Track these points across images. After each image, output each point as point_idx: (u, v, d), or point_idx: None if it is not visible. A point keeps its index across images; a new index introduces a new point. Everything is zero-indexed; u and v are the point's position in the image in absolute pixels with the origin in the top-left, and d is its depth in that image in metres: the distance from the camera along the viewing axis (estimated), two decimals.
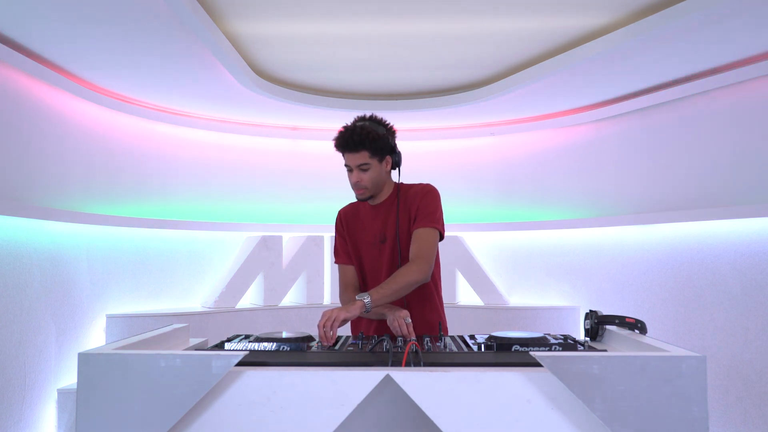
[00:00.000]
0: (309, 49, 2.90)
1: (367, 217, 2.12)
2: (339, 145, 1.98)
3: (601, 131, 3.76)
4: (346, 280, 2.15)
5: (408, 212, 2.04)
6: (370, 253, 2.09)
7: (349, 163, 1.99)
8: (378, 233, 2.08)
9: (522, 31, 2.69)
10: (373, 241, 2.08)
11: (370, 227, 2.10)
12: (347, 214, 2.18)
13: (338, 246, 2.18)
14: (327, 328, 1.65)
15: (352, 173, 2.00)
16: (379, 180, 2.02)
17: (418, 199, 2.03)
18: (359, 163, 1.96)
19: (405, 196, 2.07)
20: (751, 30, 2.47)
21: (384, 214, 2.08)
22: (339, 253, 2.18)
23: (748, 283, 2.86)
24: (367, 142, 1.93)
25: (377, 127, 1.98)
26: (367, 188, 2.01)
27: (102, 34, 2.50)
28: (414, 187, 2.09)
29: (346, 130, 1.98)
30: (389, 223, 2.06)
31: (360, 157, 1.95)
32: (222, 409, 1.33)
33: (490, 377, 1.30)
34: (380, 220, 2.08)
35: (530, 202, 4.12)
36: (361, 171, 1.98)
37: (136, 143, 3.65)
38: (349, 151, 1.96)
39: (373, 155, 1.96)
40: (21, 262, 2.61)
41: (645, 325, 1.67)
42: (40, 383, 2.72)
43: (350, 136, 1.94)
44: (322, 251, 4.14)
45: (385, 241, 2.05)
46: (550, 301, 3.97)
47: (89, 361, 1.31)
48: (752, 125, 2.95)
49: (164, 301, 3.74)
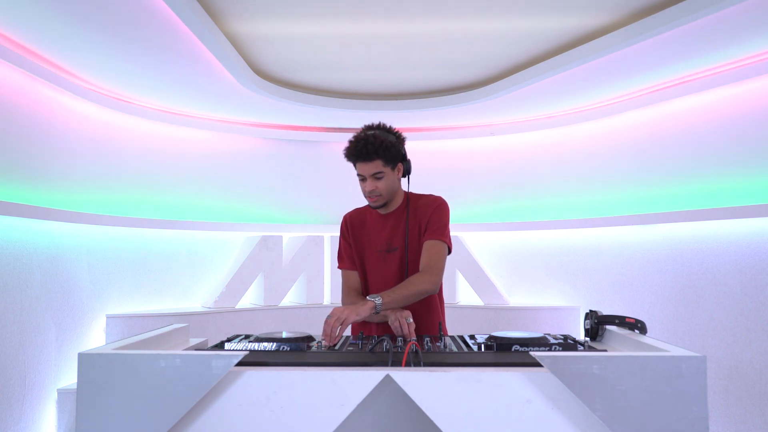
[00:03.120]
0: (309, 49, 2.90)
1: (374, 225, 2.11)
2: (352, 155, 1.97)
3: (601, 131, 3.76)
4: (350, 285, 2.15)
5: (418, 223, 2.04)
6: (375, 262, 2.09)
7: (363, 172, 1.98)
8: (385, 242, 2.07)
9: (522, 31, 2.69)
10: (380, 250, 2.08)
11: (377, 235, 2.09)
12: (354, 220, 2.17)
13: (342, 251, 2.18)
14: (335, 328, 1.65)
15: (365, 182, 2.00)
16: (392, 187, 2.03)
17: (429, 211, 2.04)
18: (373, 172, 1.96)
19: (415, 206, 2.07)
20: (751, 30, 2.47)
21: (393, 224, 2.07)
22: (343, 258, 2.17)
23: (748, 283, 2.86)
24: (381, 151, 1.93)
25: (388, 136, 1.99)
26: (381, 195, 2.01)
27: (102, 34, 2.50)
28: (424, 198, 2.10)
29: (358, 139, 1.96)
30: (398, 233, 2.06)
31: (374, 166, 1.95)
32: (222, 409, 1.33)
33: (490, 377, 1.30)
34: (389, 229, 2.08)
35: (530, 202, 4.12)
36: (376, 179, 1.98)
37: (136, 143, 3.65)
38: (362, 161, 1.95)
39: (386, 163, 1.97)
40: (21, 262, 2.61)
41: (645, 325, 1.67)
42: (40, 383, 2.72)
43: (364, 145, 1.93)
44: (322, 251, 4.14)
45: (392, 251, 2.05)
46: (550, 301, 3.97)
47: (89, 361, 1.31)
48: (752, 125, 2.95)
49: (164, 301, 3.74)
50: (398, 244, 2.05)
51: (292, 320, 3.93)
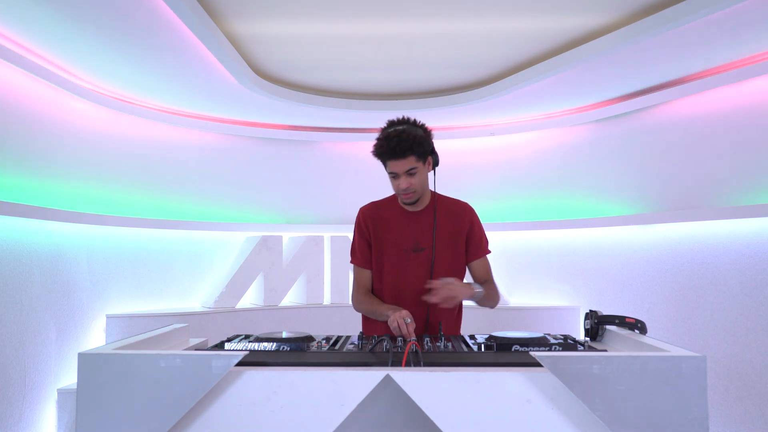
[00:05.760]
0: (309, 49, 2.90)
1: (398, 222, 2.07)
2: (384, 153, 1.92)
3: (601, 131, 3.76)
4: (362, 281, 2.12)
5: (453, 227, 2.05)
6: (398, 260, 2.05)
7: (396, 170, 1.94)
8: (411, 240, 2.04)
9: (522, 31, 2.69)
10: (405, 248, 2.04)
11: (400, 233, 2.06)
12: (372, 215, 2.11)
13: (356, 246, 2.13)
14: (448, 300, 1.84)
15: (398, 179, 1.96)
16: (425, 182, 2.02)
17: (473, 221, 2.10)
18: (408, 168, 1.93)
19: (445, 209, 2.06)
20: (751, 30, 2.47)
21: (420, 223, 2.05)
22: (356, 253, 2.13)
23: (748, 283, 2.86)
24: (415, 147, 1.90)
25: (417, 130, 1.95)
26: (416, 191, 1.98)
27: (102, 34, 2.50)
28: (453, 202, 2.12)
29: (390, 137, 1.91)
30: (427, 233, 2.03)
31: (407, 162, 1.92)
32: (222, 409, 1.33)
33: (490, 377, 1.30)
34: (415, 228, 2.05)
35: (530, 202, 4.12)
36: (410, 176, 1.95)
37: (136, 143, 3.65)
38: (396, 158, 1.91)
39: (419, 159, 1.94)
40: (21, 262, 2.61)
41: (645, 325, 1.67)
42: (40, 383, 2.72)
43: (397, 143, 1.89)
44: (322, 251, 4.14)
45: (419, 251, 2.02)
46: (550, 301, 3.97)
47: (89, 361, 1.31)
48: (752, 125, 2.95)
49: (164, 301, 3.74)
50: (427, 244, 2.02)
51: (292, 320, 3.93)
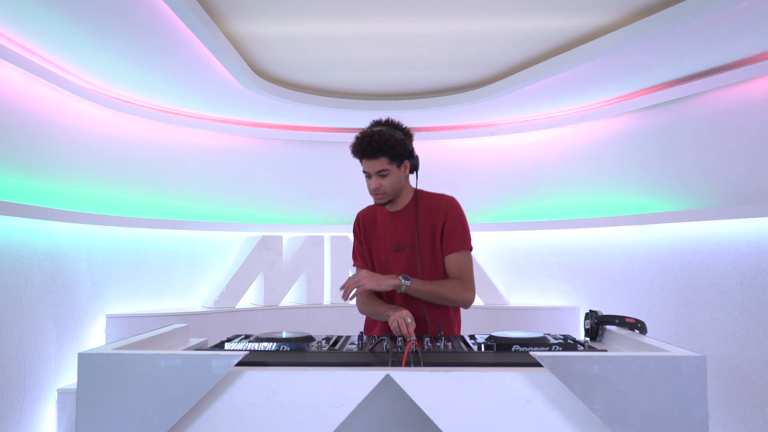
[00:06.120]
0: (309, 49, 2.90)
1: (384, 223, 2.09)
2: (357, 151, 1.94)
3: (601, 131, 3.76)
4: None
5: (432, 224, 2.01)
6: (385, 260, 2.07)
7: (368, 169, 1.96)
8: (392, 240, 2.05)
9: (522, 31, 2.69)
10: (389, 248, 2.06)
11: (386, 234, 2.08)
12: (366, 219, 2.15)
13: (355, 249, 2.18)
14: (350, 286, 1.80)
15: (370, 179, 1.97)
16: (398, 185, 2.00)
17: (448, 214, 2.00)
18: (378, 170, 1.94)
19: (426, 206, 2.04)
20: (752, 30, 2.47)
21: (402, 222, 2.05)
22: (356, 256, 2.18)
23: (748, 283, 2.86)
24: (386, 149, 1.90)
25: (395, 132, 1.94)
26: (386, 193, 1.98)
27: (102, 34, 2.50)
28: (436, 198, 2.06)
29: (364, 136, 1.93)
30: (407, 232, 2.03)
31: (379, 163, 1.93)
32: (222, 409, 1.33)
33: (490, 377, 1.30)
34: (398, 228, 2.05)
35: (530, 202, 4.12)
36: (381, 177, 1.95)
37: (137, 143, 3.65)
38: (367, 158, 1.93)
39: (391, 161, 1.94)
40: (21, 262, 2.61)
41: (645, 325, 1.67)
42: (40, 383, 2.72)
43: (369, 143, 1.90)
44: (322, 251, 4.13)
45: (400, 250, 2.03)
46: (550, 301, 3.97)
47: (89, 361, 1.31)
48: (752, 125, 2.95)
49: (164, 301, 3.74)
50: (407, 243, 2.02)
51: (292, 320, 3.93)
